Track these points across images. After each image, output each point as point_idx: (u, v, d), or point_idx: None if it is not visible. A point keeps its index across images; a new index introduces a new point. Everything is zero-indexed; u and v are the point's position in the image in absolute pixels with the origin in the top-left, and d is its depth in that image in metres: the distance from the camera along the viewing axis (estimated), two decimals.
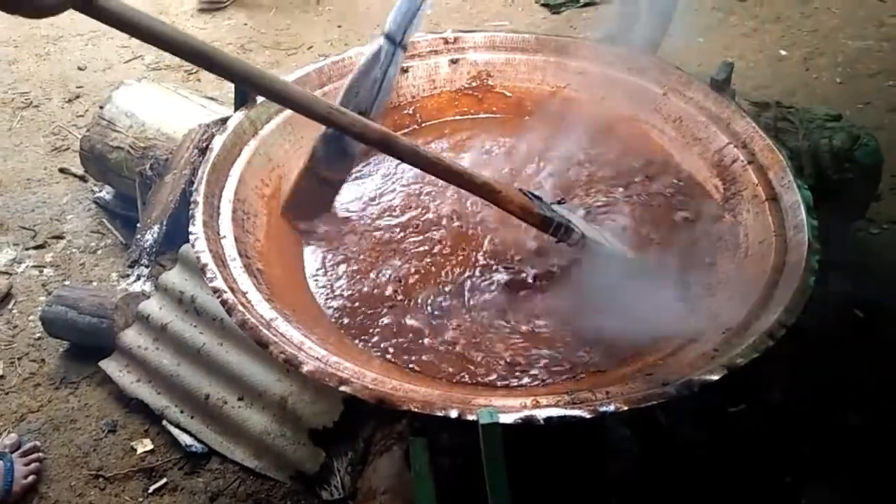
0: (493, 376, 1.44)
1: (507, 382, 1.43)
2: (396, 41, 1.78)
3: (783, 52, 3.12)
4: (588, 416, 1.16)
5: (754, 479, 1.47)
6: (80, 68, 3.10)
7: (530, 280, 1.61)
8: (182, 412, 1.82)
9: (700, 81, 1.84)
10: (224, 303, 1.37)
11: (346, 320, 1.56)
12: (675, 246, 1.62)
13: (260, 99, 1.80)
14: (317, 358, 1.30)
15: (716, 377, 1.19)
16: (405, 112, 2.03)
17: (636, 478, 1.42)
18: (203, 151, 1.96)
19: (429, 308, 1.57)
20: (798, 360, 1.46)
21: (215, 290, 1.39)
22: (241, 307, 1.36)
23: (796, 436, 1.49)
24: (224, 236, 1.54)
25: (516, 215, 1.54)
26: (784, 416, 1.52)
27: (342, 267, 1.68)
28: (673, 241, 1.64)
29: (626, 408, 1.17)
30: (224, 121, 1.79)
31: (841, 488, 1.45)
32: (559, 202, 1.65)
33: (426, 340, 1.51)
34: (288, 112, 1.84)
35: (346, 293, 1.61)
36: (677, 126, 1.85)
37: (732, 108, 1.76)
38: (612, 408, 1.17)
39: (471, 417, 1.16)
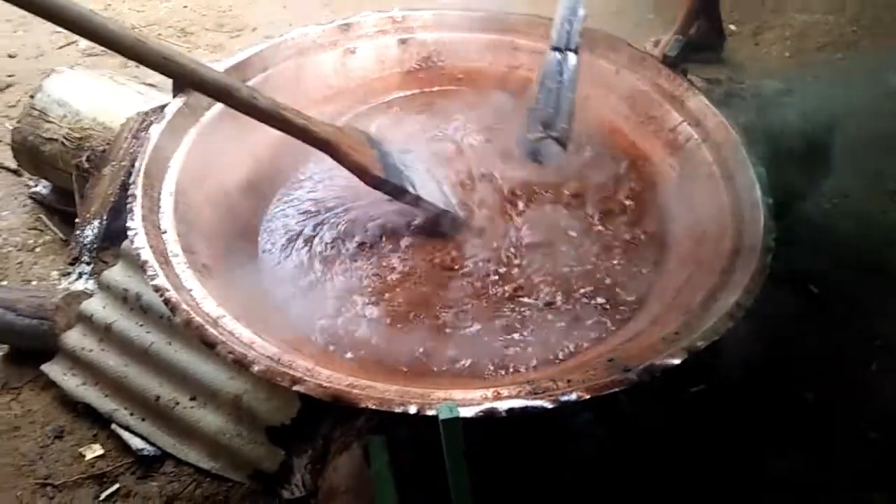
0: None
1: None
2: (562, 48, 1.83)
3: (733, 27, 3.13)
4: (550, 406, 1.14)
5: (715, 458, 1.47)
6: (9, 56, 2.95)
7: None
8: (132, 415, 1.75)
9: (652, 58, 1.82)
10: (167, 302, 1.32)
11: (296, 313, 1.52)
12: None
13: None
14: (268, 356, 1.25)
15: (677, 361, 1.18)
16: (354, 94, 1.97)
17: (599, 462, 1.41)
18: (141, 141, 1.88)
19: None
20: (755, 338, 1.46)
21: (157, 289, 1.33)
22: (185, 305, 1.30)
23: (755, 414, 1.50)
24: (165, 231, 1.47)
25: (353, 172, 1.56)
26: (742, 394, 1.52)
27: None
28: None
29: (588, 396, 1.15)
30: (162, 108, 1.71)
31: (798, 464, 1.46)
32: (405, 152, 1.68)
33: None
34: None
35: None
36: (631, 104, 1.83)
37: (685, 86, 1.75)
38: (573, 396, 1.15)
39: (430, 413, 1.13)
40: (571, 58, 1.83)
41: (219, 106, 1.74)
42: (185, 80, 1.48)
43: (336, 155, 1.54)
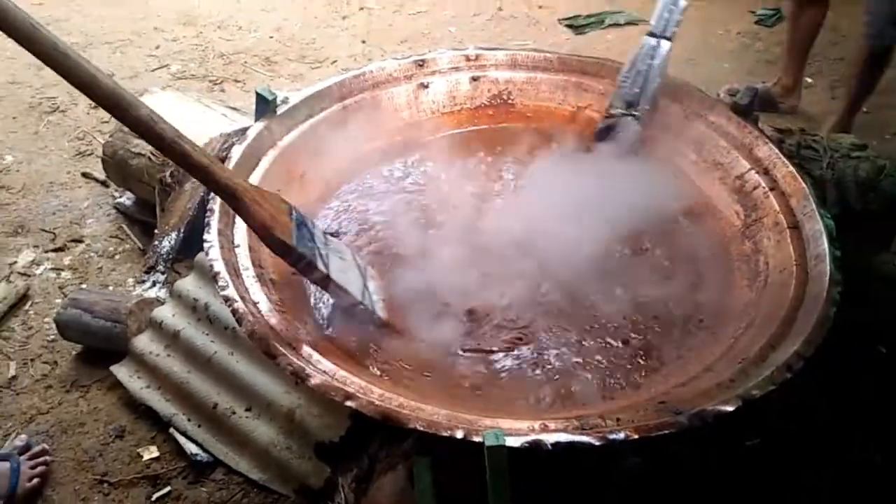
0: None
1: None
2: (657, 34, 1.89)
3: (808, 80, 3.09)
4: (597, 444, 1.14)
5: None
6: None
7: None
8: (189, 420, 1.81)
9: (723, 105, 1.82)
10: (234, 312, 1.37)
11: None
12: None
13: (280, 110, 1.81)
14: (324, 371, 1.29)
15: (730, 408, 1.16)
16: (424, 127, 2.02)
17: (640, 501, 1.39)
18: (222, 161, 1.98)
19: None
20: (818, 394, 1.42)
21: (226, 299, 1.39)
22: (251, 317, 1.36)
23: (812, 472, 1.45)
24: (238, 245, 1.54)
25: (255, 231, 1.39)
26: (799, 451, 1.47)
27: None
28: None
29: (636, 436, 1.14)
30: (244, 131, 1.79)
31: None
32: (333, 234, 1.63)
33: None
34: (307, 123, 1.85)
35: None
36: (697, 150, 1.82)
37: (755, 134, 1.74)
38: (621, 436, 1.14)
39: (476, 439, 1.14)
40: (665, 45, 1.88)
41: (296, 130, 1.83)
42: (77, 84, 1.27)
43: (237, 205, 1.36)
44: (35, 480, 1.73)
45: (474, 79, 2.05)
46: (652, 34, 1.90)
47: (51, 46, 1.21)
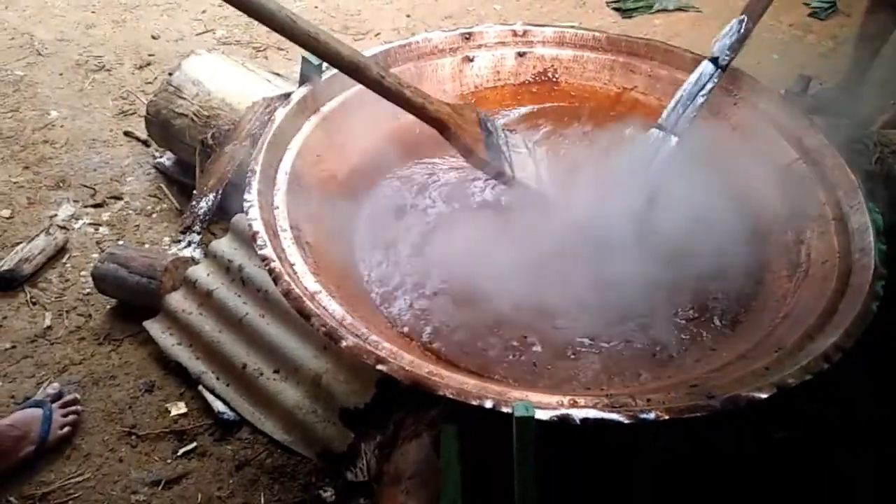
0: None
1: None
2: (719, 62, 1.79)
3: None
4: (626, 422, 1.13)
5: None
6: (153, 37, 3.17)
7: None
8: (218, 379, 1.84)
9: (773, 92, 1.78)
10: (271, 272, 1.38)
11: (386, 304, 1.56)
12: None
13: (324, 76, 1.80)
14: (356, 335, 1.29)
15: (764, 395, 1.15)
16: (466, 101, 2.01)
17: (669, 480, 1.37)
18: (265, 123, 1.99)
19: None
20: (860, 387, 1.39)
21: (264, 259, 1.40)
22: (287, 277, 1.36)
23: (847, 459, 1.42)
24: (277, 207, 1.55)
25: (459, 152, 1.65)
26: (837, 439, 1.45)
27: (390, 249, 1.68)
28: None
29: (666, 417, 1.13)
30: (287, 95, 1.80)
31: None
32: (512, 130, 1.78)
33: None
34: (350, 91, 1.84)
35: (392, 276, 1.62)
36: (744, 136, 1.79)
37: (805, 123, 1.70)
38: (652, 416, 1.13)
39: (506, 410, 1.14)
40: (718, 75, 1.78)
41: (339, 98, 1.83)
42: (326, 58, 1.58)
43: (446, 133, 1.61)
44: (66, 429, 1.77)
45: (520, 54, 2.02)
46: (712, 61, 1.78)
47: (307, 34, 1.49)
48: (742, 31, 1.76)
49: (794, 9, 3.45)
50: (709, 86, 1.76)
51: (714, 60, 1.77)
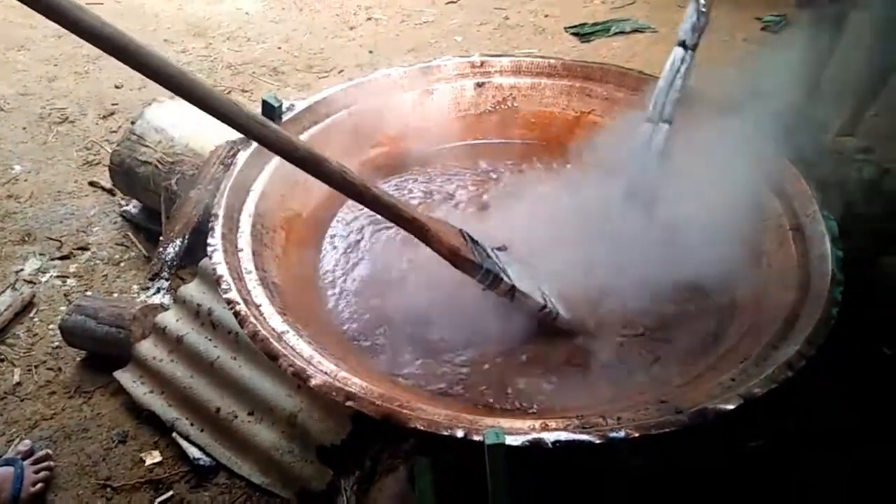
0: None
1: None
2: (686, 45, 1.82)
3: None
4: (597, 442, 1.13)
5: None
6: (116, 86, 3.17)
7: None
8: (192, 425, 1.82)
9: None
10: (237, 314, 1.38)
11: (357, 337, 1.56)
12: None
13: (285, 118, 1.82)
14: (325, 372, 1.29)
15: (731, 406, 1.16)
16: (429, 134, 2.03)
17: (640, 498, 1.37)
18: (227, 167, 1.99)
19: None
20: (821, 396, 1.40)
21: (229, 302, 1.40)
22: (252, 319, 1.36)
23: (814, 468, 1.43)
24: (241, 249, 1.55)
25: (444, 257, 1.45)
26: (803, 448, 1.46)
27: (356, 281, 1.68)
28: None
29: (636, 434, 1.14)
30: None
31: None
32: (500, 248, 1.63)
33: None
34: (314, 128, 1.87)
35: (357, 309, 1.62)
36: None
37: (762, 136, 1.73)
38: (622, 434, 1.14)
39: (477, 438, 1.14)
40: (689, 55, 1.82)
41: (301, 137, 1.83)
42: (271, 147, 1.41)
43: (425, 236, 1.44)
44: (38, 485, 1.73)
45: (479, 85, 2.06)
46: (681, 44, 1.83)
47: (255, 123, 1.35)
48: (700, 9, 1.80)
49: (748, 24, 3.55)
50: (683, 67, 1.81)
51: (682, 44, 1.81)
